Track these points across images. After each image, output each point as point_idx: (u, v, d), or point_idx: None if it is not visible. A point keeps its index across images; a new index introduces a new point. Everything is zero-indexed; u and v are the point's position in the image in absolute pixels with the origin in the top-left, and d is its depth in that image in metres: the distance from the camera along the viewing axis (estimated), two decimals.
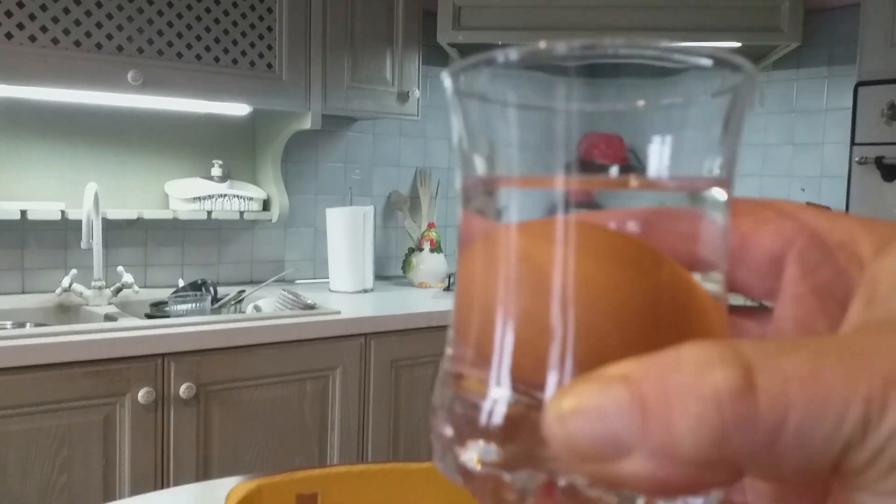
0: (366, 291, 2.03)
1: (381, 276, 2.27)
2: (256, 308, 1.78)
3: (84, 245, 1.69)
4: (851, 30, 2.04)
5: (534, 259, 0.19)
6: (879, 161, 1.81)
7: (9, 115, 1.74)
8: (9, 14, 1.48)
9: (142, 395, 1.43)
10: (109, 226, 1.84)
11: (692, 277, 0.19)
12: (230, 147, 2.05)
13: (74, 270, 1.75)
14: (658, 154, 0.19)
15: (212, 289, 1.79)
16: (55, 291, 1.73)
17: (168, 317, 1.64)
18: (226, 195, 1.93)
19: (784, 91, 2.31)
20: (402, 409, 1.76)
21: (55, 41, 1.52)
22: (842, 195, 1.92)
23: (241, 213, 1.96)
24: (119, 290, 1.78)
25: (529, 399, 0.18)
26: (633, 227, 0.19)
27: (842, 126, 2.11)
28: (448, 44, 2.00)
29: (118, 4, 1.58)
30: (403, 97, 2.02)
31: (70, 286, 1.73)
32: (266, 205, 2.02)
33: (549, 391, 0.18)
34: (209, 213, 1.91)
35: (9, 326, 1.60)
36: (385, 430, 1.74)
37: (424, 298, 1.99)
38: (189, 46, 1.67)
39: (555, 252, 0.18)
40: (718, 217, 0.20)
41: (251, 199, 1.98)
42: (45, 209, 1.72)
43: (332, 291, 2.02)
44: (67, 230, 1.81)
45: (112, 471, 1.43)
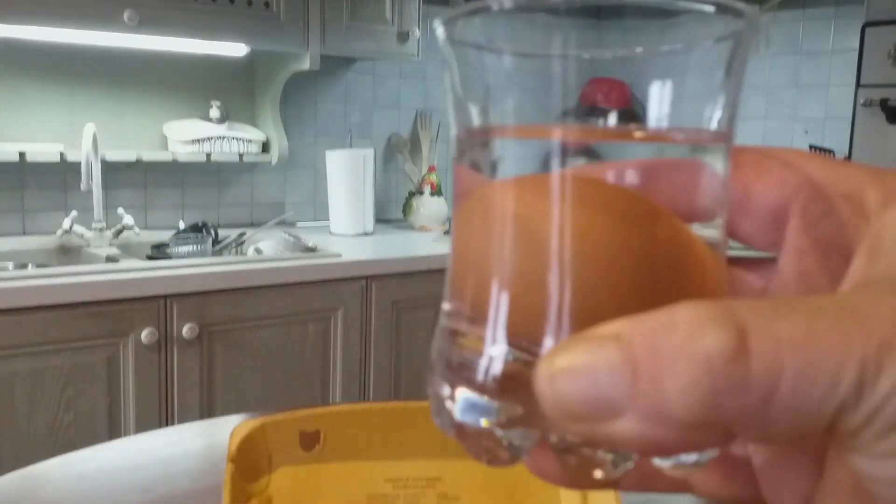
0: (366, 234, 2.04)
1: (382, 220, 2.27)
2: (257, 250, 1.78)
3: (84, 187, 1.68)
4: None
5: (527, 215, 0.18)
6: (884, 103, 1.79)
7: (5, 56, 1.72)
8: None
9: (145, 336, 1.44)
10: (109, 168, 1.83)
11: (692, 232, 0.19)
12: (228, 89, 2.02)
13: (75, 212, 1.75)
14: (659, 101, 0.18)
15: (212, 231, 1.80)
16: (56, 233, 1.74)
17: (170, 258, 1.65)
18: (224, 137, 1.92)
19: (790, 32, 2.27)
20: (403, 350, 1.78)
21: None
22: (846, 138, 1.91)
23: (241, 156, 1.95)
24: (120, 232, 1.79)
25: (525, 356, 0.18)
26: (632, 179, 0.18)
27: (847, 68, 2.08)
28: None
29: None
30: (403, 37, 1.99)
31: (71, 228, 1.73)
32: (265, 147, 2.01)
33: (544, 349, 0.18)
34: (208, 156, 1.90)
35: (11, 268, 1.61)
36: (386, 371, 1.77)
37: (425, 241, 2.00)
38: None
39: (549, 208, 0.18)
40: (720, 167, 0.20)
41: (250, 142, 1.96)
42: (44, 151, 1.71)
43: (333, 234, 2.02)
44: (67, 172, 1.80)
45: (117, 409, 1.46)
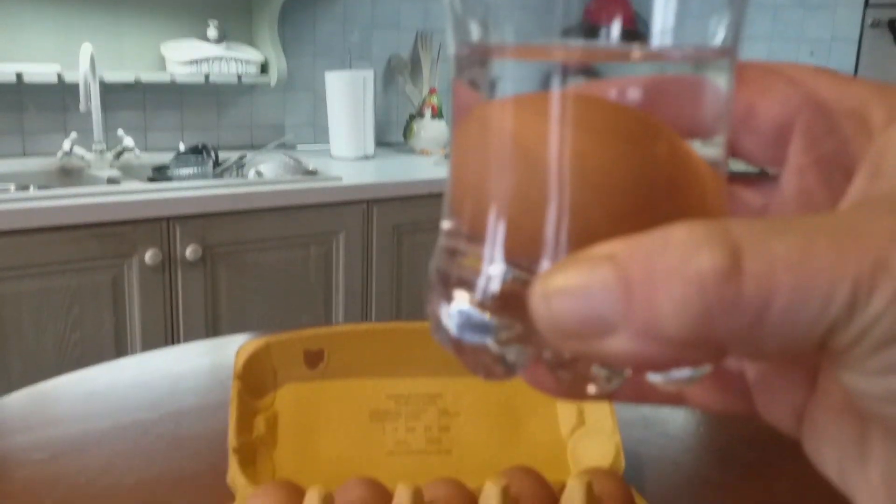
0: (367, 158, 2.03)
1: (383, 143, 2.25)
2: (258, 173, 1.78)
3: (82, 108, 1.66)
4: None
5: (525, 135, 0.18)
6: (892, 24, 1.76)
7: None
8: None
9: (149, 257, 1.45)
10: (107, 89, 1.81)
11: (692, 150, 0.19)
12: (225, 8, 1.98)
13: (74, 133, 1.73)
14: (662, 17, 0.18)
15: (213, 153, 1.79)
16: (56, 155, 1.73)
17: (171, 181, 1.64)
18: (223, 58, 1.88)
19: None
20: (405, 273, 1.80)
21: None
22: (852, 60, 1.88)
23: (239, 77, 1.92)
24: (120, 154, 1.78)
25: (522, 275, 0.18)
26: (633, 97, 0.18)
27: None
28: None
29: None
30: None
31: (71, 150, 1.72)
32: (264, 68, 1.98)
33: (541, 269, 0.18)
34: (207, 77, 1.87)
35: (13, 189, 1.61)
36: (388, 293, 1.79)
37: (426, 165, 1.98)
38: None
39: (546, 127, 0.18)
40: (723, 84, 0.19)
41: (248, 62, 1.93)
42: (41, 72, 1.69)
43: (333, 157, 2.01)
44: (65, 93, 1.78)
45: (123, 329, 1.48)
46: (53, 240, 1.37)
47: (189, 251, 1.49)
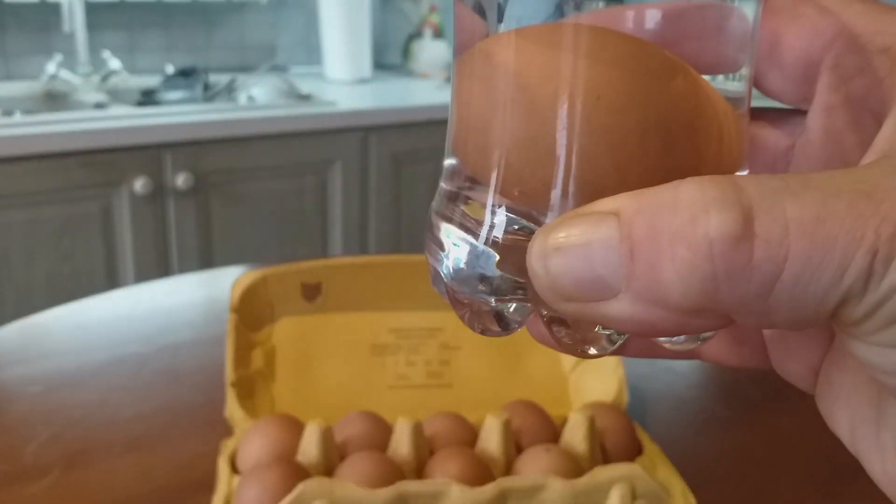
0: (363, 82, 1.98)
1: (380, 65, 2.19)
2: (250, 98, 1.74)
3: (66, 28, 1.61)
4: None
5: (528, 73, 0.16)
6: None
7: None
8: None
9: (139, 186, 1.42)
10: (91, 8, 1.74)
11: (712, 89, 0.17)
12: None
13: (59, 56, 1.68)
14: None
15: (202, 76, 1.74)
16: (41, 79, 1.68)
17: (159, 105, 1.60)
18: None
19: None
20: (404, 204, 1.77)
21: None
22: None
23: None
24: (107, 77, 1.73)
25: (525, 226, 0.17)
26: (650, 26, 0.17)
27: None
28: None
29: None
30: None
31: (57, 73, 1.67)
32: None
33: (544, 221, 0.16)
34: None
35: None
36: (387, 224, 1.77)
37: (426, 90, 1.94)
38: None
39: (551, 63, 0.16)
40: (750, 11, 0.17)
41: None
42: None
43: (328, 81, 1.96)
44: (48, 13, 1.72)
45: (114, 260, 1.46)
46: (41, 168, 1.35)
47: (180, 180, 1.46)
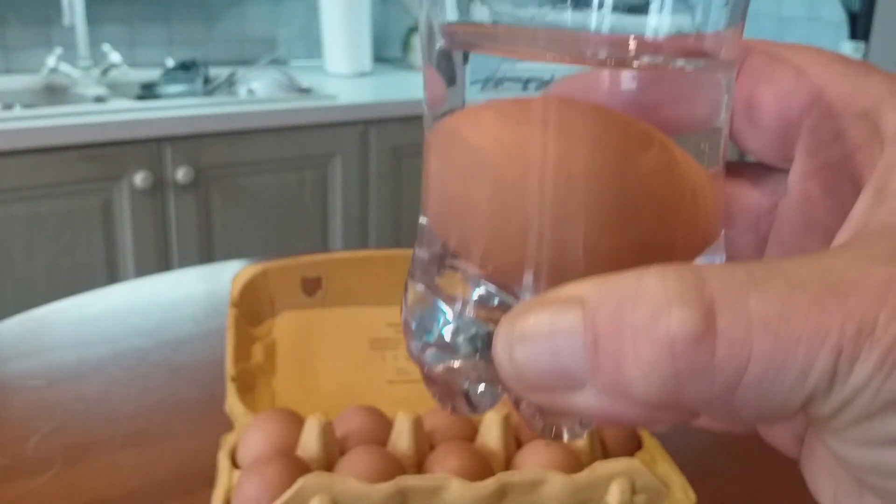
0: (363, 75, 1.97)
1: (380, 58, 2.18)
2: (250, 91, 1.73)
3: (66, 22, 1.61)
4: None
5: (497, 151, 0.16)
6: None
7: None
8: None
9: (139, 180, 1.42)
10: (91, 2, 1.74)
11: (685, 156, 0.17)
12: None
13: (59, 49, 1.68)
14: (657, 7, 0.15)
15: (202, 69, 1.74)
16: (41, 72, 1.68)
17: (160, 99, 1.60)
18: None
19: None
20: (405, 198, 1.77)
21: None
22: None
23: None
24: (107, 70, 1.73)
25: (501, 302, 0.17)
26: (620, 95, 0.16)
27: None
28: None
29: None
30: None
31: (57, 66, 1.67)
32: None
33: (518, 295, 0.16)
34: None
35: None
36: (387, 218, 1.77)
37: None
38: None
39: (519, 141, 0.16)
40: (724, 78, 0.17)
41: None
42: None
43: (328, 74, 1.96)
44: (48, 5, 1.72)
45: (115, 254, 1.46)
46: (41, 162, 1.34)
47: (181, 174, 1.46)
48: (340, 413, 0.50)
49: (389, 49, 2.23)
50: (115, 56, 1.73)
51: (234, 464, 0.47)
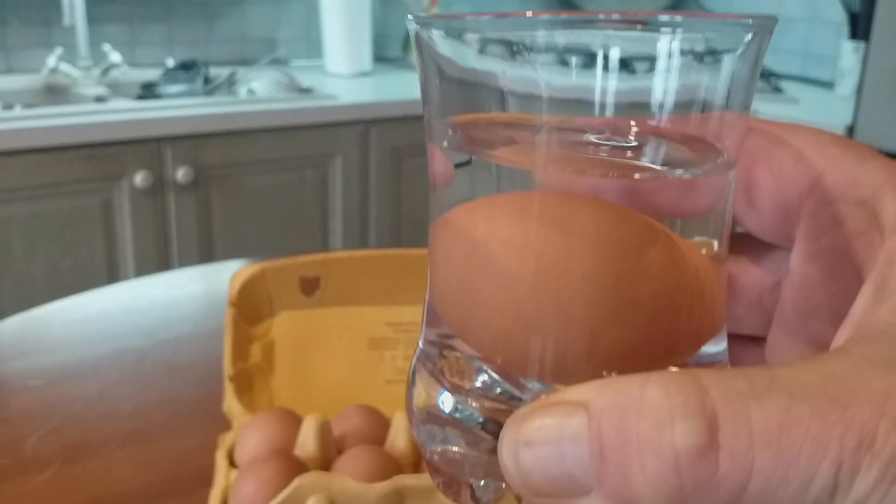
0: (364, 75, 1.97)
1: (380, 58, 2.18)
2: (250, 91, 1.73)
3: (66, 22, 1.61)
4: None
5: (507, 249, 0.16)
6: None
7: None
8: None
9: (139, 180, 1.42)
10: (91, 2, 1.74)
11: (689, 248, 0.17)
12: None
13: (60, 49, 1.68)
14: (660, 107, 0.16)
15: (202, 69, 1.74)
16: (41, 72, 1.68)
17: (160, 98, 1.60)
18: None
19: None
20: (405, 198, 1.77)
21: None
22: None
23: None
24: (107, 70, 1.73)
25: (505, 391, 0.17)
26: (619, 194, 0.16)
27: None
28: None
29: None
30: None
31: (57, 66, 1.67)
32: None
33: (524, 386, 0.16)
34: None
35: None
36: (387, 218, 1.77)
37: None
38: None
39: (529, 240, 0.16)
40: (725, 178, 0.17)
41: None
42: None
43: (329, 74, 1.96)
44: (48, 6, 1.72)
45: (115, 254, 1.46)
46: (41, 161, 1.34)
47: (181, 174, 1.46)
48: (338, 412, 0.50)
49: (390, 49, 2.23)
50: (116, 56, 1.73)
51: (232, 463, 0.47)
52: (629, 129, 0.16)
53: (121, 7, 1.82)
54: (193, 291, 0.79)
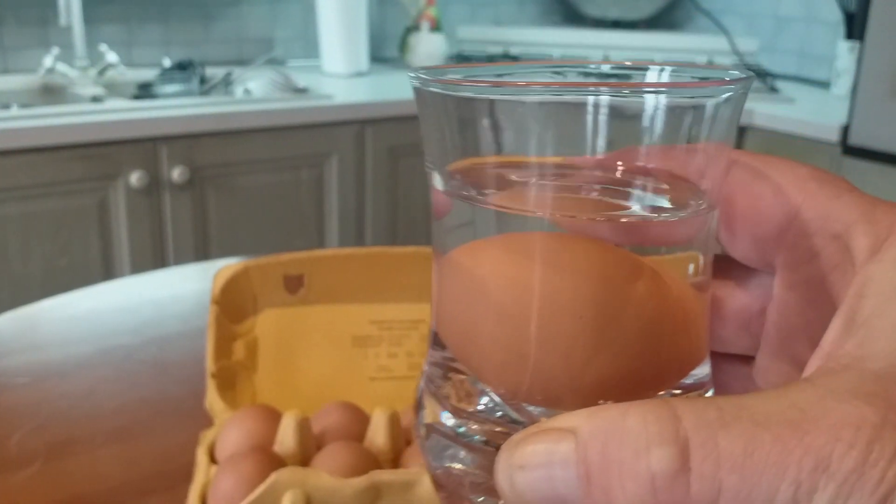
0: (360, 75, 1.98)
1: (377, 59, 2.19)
2: (247, 91, 1.74)
3: (63, 22, 1.61)
4: None
5: (511, 290, 0.18)
6: None
7: None
8: None
9: (135, 179, 1.43)
10: (88, 2, 1.74)
11: (676, 281, 0.18)
12: None
13: (57, 49, 1.69)
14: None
15: (199, 69, 1.74)
16: (38, 72, 1.68)
17: (156, 98, 1.61)
18: None
19: None
20: (401, 198, 1.77)
21: None
22: None
23: None
24: (104, 70, 1.73)
25: (505, 415, 0.18)
26: (613, 229, 0.18)
27: None
28: None
29: None
30: None
31: (54, 66, 1.67)
32: None
33: (524, 410, 0.18)
34: None
35: None
36: (384, 218, 1.77)
37: None
38: None
39: (532, 280, 0.18)
40: (705, 218, 0.19)
41: None
42: None
43: (325, 74, 1.96)
44: (45, 6, 1.72)
45: (111, 254, 1.47)
46: (37, 161, 1.35)
47: (176, 173, 1.47)
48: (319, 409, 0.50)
49: (386, 49, 2.23)
50: (112, 56, 1.74)
51: (213, 459, 0.48)
52: (617, 168, 0.18)
53: (117, 7, 1.83)
54: (184, 290, 0.79)
